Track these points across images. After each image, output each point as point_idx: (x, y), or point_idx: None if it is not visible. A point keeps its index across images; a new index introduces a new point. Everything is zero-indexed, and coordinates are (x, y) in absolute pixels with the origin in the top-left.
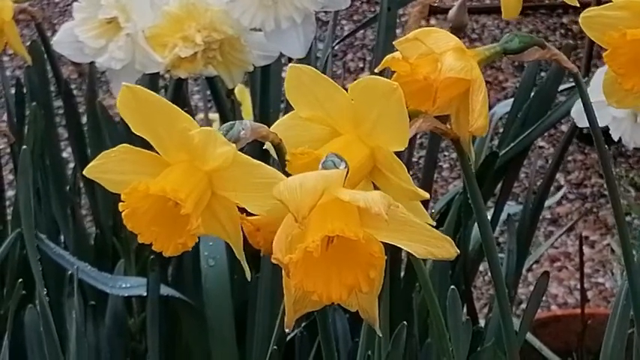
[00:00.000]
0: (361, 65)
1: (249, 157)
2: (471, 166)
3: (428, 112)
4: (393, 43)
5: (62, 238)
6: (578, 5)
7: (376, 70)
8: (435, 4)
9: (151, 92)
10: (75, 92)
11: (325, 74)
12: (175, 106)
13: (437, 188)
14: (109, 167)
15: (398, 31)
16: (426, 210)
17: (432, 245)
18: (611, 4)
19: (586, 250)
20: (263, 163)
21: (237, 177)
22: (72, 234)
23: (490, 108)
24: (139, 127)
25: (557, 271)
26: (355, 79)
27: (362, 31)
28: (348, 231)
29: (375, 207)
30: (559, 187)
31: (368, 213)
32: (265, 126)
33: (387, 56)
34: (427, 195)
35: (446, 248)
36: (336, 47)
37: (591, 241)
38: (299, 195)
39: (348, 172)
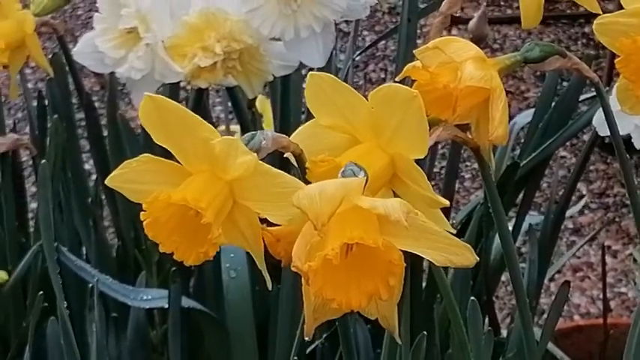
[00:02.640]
0: (383, 76)
1: (270, 167)
2: (491, 175)
3: (448, 120)
4: (414, 52)
5: (84, 249)
6: (601, 14)
7: (397, 79)
8: (457, 15)
9: (173, 102)
10: (97, 104)
11: (347, 82)
12: (197, 116)
13: (459, 198)
14: (130, 177)
15: (419, 41)
16: (448, 219)
17: (452, 253)
18: (623, 11)
19: (608, 259)
20: (284, 173)
21: (259, 186)
22: (94, 246)
23: (512, 118)
24: (161, 136)
25: (579, 281)
26: None
27: (383, 42)
28: (367, 238)
29: (395, 214)
30: (581, 197)
31: (387, 220)
32: (286, 136)
33: (408, 65)
34: (447, 202)
35: (465, 256)
36: (357, 58)
37: (614, 250)
38: (318, 203)
39: (367, 181)
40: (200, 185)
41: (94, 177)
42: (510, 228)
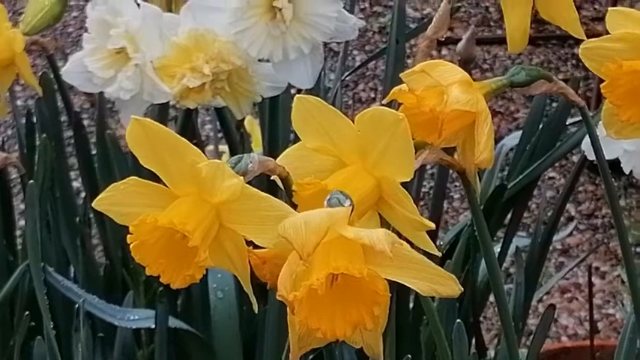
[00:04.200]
0: (372, 95)
1: (256, 190)
2: (477, 198)
3: (434, 144)
4: (400, 75)
5: (72, 268)
6: (585, 39)
7: (383, 102)
8: (447, 35)
9: (160, 125)
10: (87, 122)
11: (335, 104)
12: (183, 139)
13: (447, 219)
14: (117, 200)
15: (409, 61)
16: (435, 240)
17: (437, 283)
18: (609, 36)
19: (597, 281)
20: (270, 196)
21: (245, 210)
22: (81, 265)
23: (501, 138)
24: (148, 159)
25: (567, 302)
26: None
27: (373, 62)
28: (352, 269)
29: (379, 245)
30: (570, 218)
31: (372, 250)
32: (272, 159)
33: (394, 88)
34: (433, 225)
35: (450, 286)
36: (347, 77)
37: (602, 272)
38: (304, 233)
39: (353, 209)
40: (187, 208)
41: (83, 194)
42: (498, 249)
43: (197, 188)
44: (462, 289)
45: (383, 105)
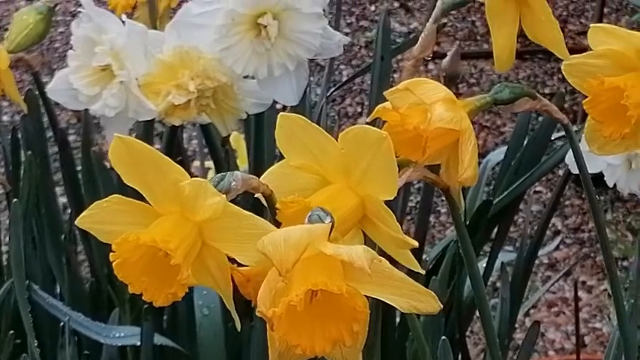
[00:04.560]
0: (359, 110)
1: (239, 208)
2: (461, 216)
3: (418, 161)
4: (384, 93)
5: (58, 286)
6: (568, 57)
7: (367, 120)
8: (434, 49)
9: (143, 143)
10: (74, 137)
11: (321, 119)
12: (167, 158)
13: (434, 233)
14: (101, 218)
15: (396, 75)
16: (422, 254)
17: (416, 300)
18: (591, 52)
19: (583, 295)
20: (253, 214)
21: (228, 228)
22: (67, 283)
23: (488, 153)
24: (131, 177)
25: (554, 317)
26: (353, 124)
27: (360, 76)
28: (331, 285)
29: (358, 261)
30: (557, 232)
31: (351, 267)
32: (256, 177)
33: (378, 106)
34: (416, 243)
35: (430, 303)
36: (334, 92)
37: (588, 286)
38: (283, 249)
39: (333, 226)
40: (169, 226)
41: (69, 210)
42: (484, 264)
43: (180, 206)
44: (442, 306)
45: (367, 122)
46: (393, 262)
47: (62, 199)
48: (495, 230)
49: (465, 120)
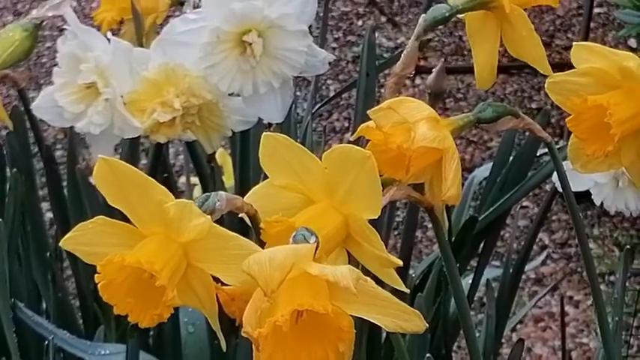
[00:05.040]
0: (346, 125)
1: (224, 229)
2: (445, 234)
3: (401, 180)
4: (368, 112)
5: (44, 303)
6: (551, 74)
7: (351, 139)
8: (421, 64)
9: (127, 165)
10: (60, 152)
11: (307, 135)
12: (151, 179)
13: (422, 248)
14: (85, 239)
15: (383, 90)
16: (408, 270)
17: (401, 319)
18: (575, 70)
19: (570, 309)
20: (238, 235)
21: (212, 249)
22: (52, 300)
23: (475, 167)
24: (115, 199)
25: (541, 332)
26: (340, 139)
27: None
28: (316, 305)
29: (344, 281)
30: (543, 247)
31: (337, 287)
32: (240, 197)
33: (362, 125)
34: (400, 262)
35: (415, 322)
36: (325, 100)
37: (575, 301)
38: (268, 269)
39: (318, 246)
40: (154, 248)
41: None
42: (470, 280)
43: (165, 227)
44: (427, 325)
45: (351, 141)
46: (378, 281)
47: (49, 214)
48: (482, 246)
49: (448, 139)
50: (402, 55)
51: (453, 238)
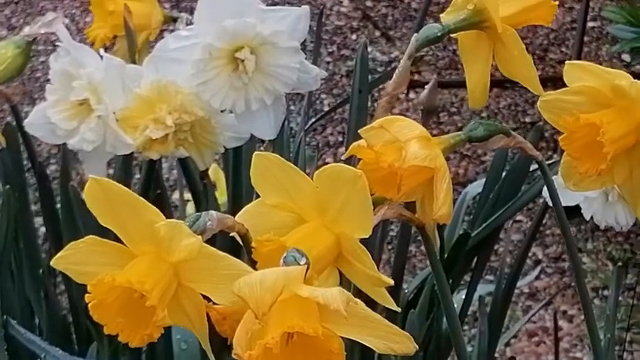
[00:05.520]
0: (340, 139)
1: (214, 249)
2: (436, 253)
3: (393, 199)
4: (359, 131)
5: (37, 319)
6: (543, 93)
7: (343, 158)
8: (415, 78)
9: (118, 185)
10: (55, 167)
11: (299, 150)
12: (141, 199)
13: (415, 262)
14: (76, 259)
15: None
16: (401, 286)
17: (392, 341)
18: (567, 88)
19: (564, 324)
20: (228, 255)
21: (203, 268)
22: (45, 317)
23: (469, 182)
24: (106, 218)
25: (535, 346)
26: (334, 154)
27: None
28: (307, 327)
29: (334, 303)
30: (537, 261)
31: (327, 309)
32: (231, 216)
33: (353, 144)
34: (391, 282)
35: (405, 344)
36: (314, 120)
37: (569, 315)
38: (259, 292)
39: (309, 267)
40: (145, 267)
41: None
42: (464, 295)
43: (155, 247)
44: (417, 347)
45: (342, 160)
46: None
47: (43, 229)
48: (475, 261)
49: (440, 157)
50: (394, 74)
51: (445, 254)
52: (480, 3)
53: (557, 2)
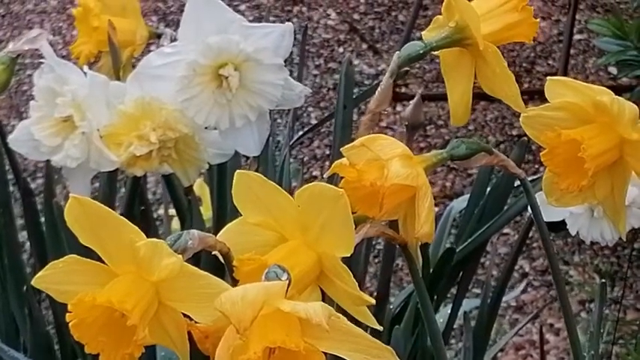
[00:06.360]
0: (327, 152)
1: (195, 268)
2: (418, 271)
3: (375, 217)
4: (341, 150)
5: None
6: (525, 111)
7: (325, 176)
8: (402, 92)
9: (99, 204)
10: (42, 180)
11: (284, 164)
12: (122, 218)
13: (402, 276)
14: (56, 278)
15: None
16: (387, 300)
17: (374, 355)
18: (549, 104)
19: (551, 337)
20: (209, 274)
21: (184, 288)
22: (30, 334)
23: (456, 195)
24: (87, 238)
25: None
26: (321, 167)
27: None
28: (289, 342)
29: (316, 318)
30: (524, 274)
31: (309, 323)
32: (213, 235)
33: (335, 162)
34: (373, 301)
35: (387, 358)
36: (302, 132)
37: (556, 328)
38: (240, 307)
39: (290, 283)
40: (126, 287)
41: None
42: (449, 310)
43: (136, 266)
44: None
45: (324, 179)
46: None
47: (28, 245)
48: (461, 274)
49: (422, 176)
50: (377, 92)
51: (431, 269)
52: (462, 20)
53: (538, 20)
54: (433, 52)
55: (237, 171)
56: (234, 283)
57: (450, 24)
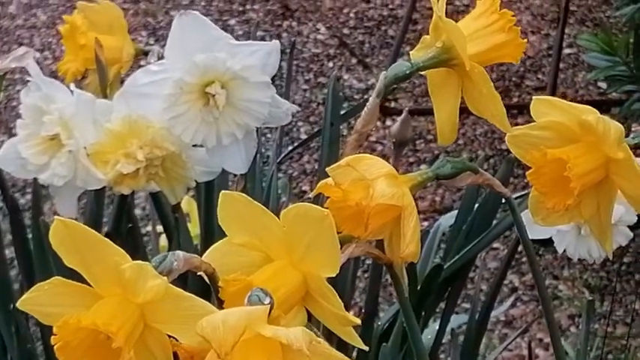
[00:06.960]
0: (317, 167)
1: (180, 290)
2: (404, 291)
3: (360, 237)
4: (326, 169)
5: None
6: (511, 130)
7: (311, 196)
8: (392, 106)
9: (84, 226)
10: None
11: (272, 180)
12: (107, 240)
13: (391, 291)
14: (42, 300)
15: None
16: (377, 314)
17: None
18: (535, 124)
19: (540, 352)
20: (194, 296)
21: (169, 309)
22: (16, 352)
23: (445, 209)
24: (72, 260)
25: None
26: (310, 182)
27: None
28: None
29: (297, 343)
30: (514, 289)
31: (290, 349)
32: (198, 256)
33: (321, 182)
34: (358, 321)
35: None
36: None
37: (545, 343)
38: (221, 332)
39: (272, 306)
40: (111, 309)
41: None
42: (437, 326)
43: (121, 289)
44: None
45: (310, 198)
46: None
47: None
48: (449, 290)
49: (407, 196)
50: (363, 111)
51: (418, 286)
52: (449, 41)
53: (525, 40)
54: (420, 72)
55: (222, 192)
56: (220, 303)
57: (437, 44)
